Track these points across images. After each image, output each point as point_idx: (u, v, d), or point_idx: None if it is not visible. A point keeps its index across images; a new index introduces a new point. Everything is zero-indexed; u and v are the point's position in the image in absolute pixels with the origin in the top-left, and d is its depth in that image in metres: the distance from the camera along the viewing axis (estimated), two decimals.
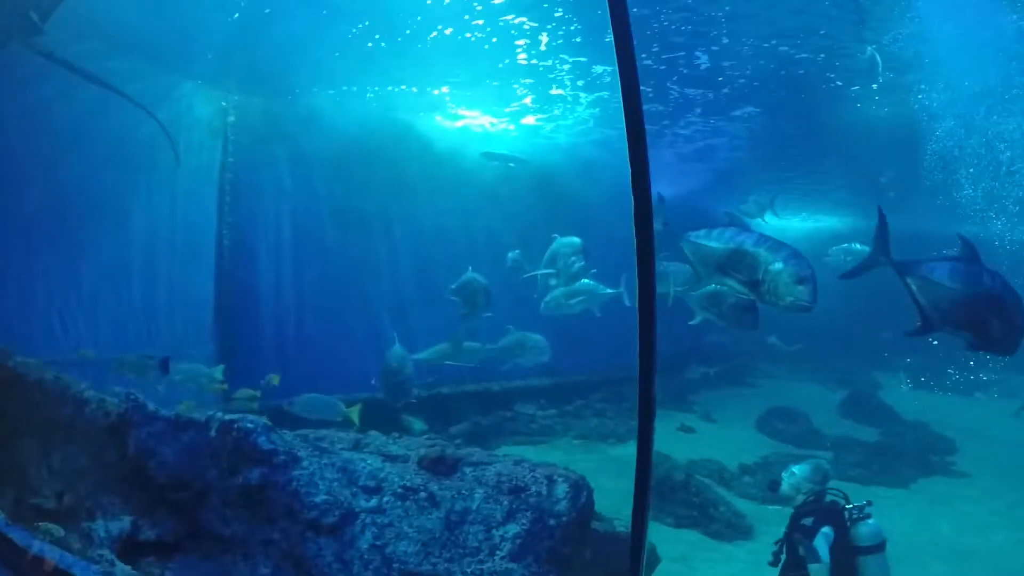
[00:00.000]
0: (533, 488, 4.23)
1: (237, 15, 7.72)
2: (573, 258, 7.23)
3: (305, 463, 3.87)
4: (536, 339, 8.08)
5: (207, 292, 8.50)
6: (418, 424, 8.14)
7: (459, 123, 12.13)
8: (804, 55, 8.96)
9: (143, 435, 3.79)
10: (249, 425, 3.68)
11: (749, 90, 10.44)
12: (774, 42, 8.66)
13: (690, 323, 5.85)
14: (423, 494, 4.19)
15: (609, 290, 7.45)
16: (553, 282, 7.59)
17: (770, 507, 7.00)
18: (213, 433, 3.72)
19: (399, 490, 4.17)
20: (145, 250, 7.68)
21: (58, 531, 3.90)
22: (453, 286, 7.42)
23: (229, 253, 8.78)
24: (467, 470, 4.41)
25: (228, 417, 3.71)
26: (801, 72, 9.49)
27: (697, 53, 9.14)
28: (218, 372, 6.01)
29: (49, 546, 3.72)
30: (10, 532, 3.76)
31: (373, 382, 7.23)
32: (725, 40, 8.68)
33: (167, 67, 8.17)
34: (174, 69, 8.29)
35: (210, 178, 8.77)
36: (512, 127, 12.37)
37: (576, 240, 7.46)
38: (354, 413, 5.25)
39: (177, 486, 3.87)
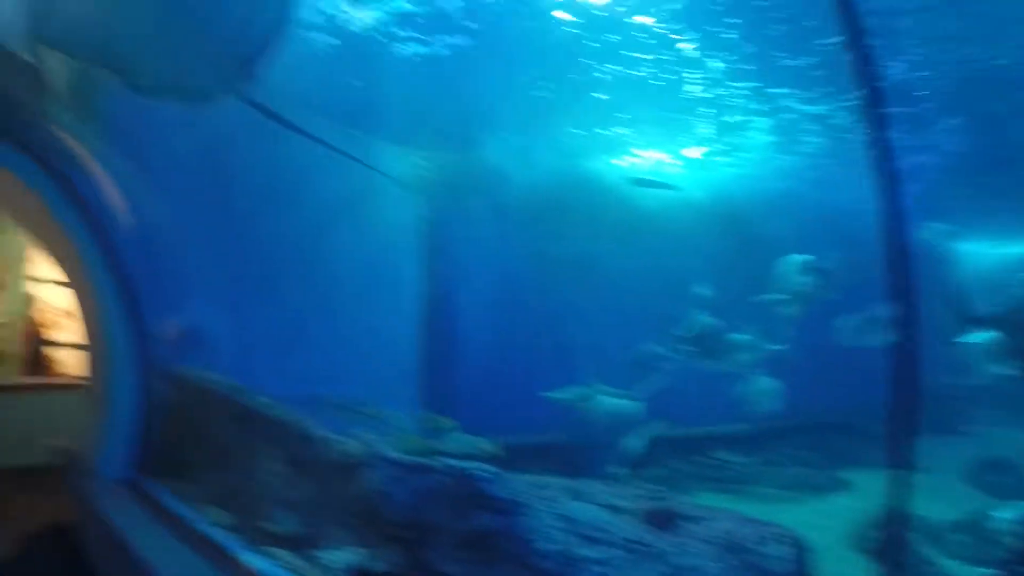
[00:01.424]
0: (754, 548, 4.10)
1: (419, 73, 8.26)
2: (807, 278, 6.80)
3: (533, 512, 3.92)
4: (767, 383, 7.57)
5: (411, 339, 9.01)
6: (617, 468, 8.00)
7: (635, 161, 12.07)
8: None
9: (377, 476, 3.97)
10: (482, 473, 3.78)
11: (949, 100, 9.60)
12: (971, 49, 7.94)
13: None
14: (644, 547, 4.14)
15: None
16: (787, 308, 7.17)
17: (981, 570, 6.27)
18: (446, 478, 3.83)
19: (621, 541, 4.14)
20: (354, 300, 8.23)
21: (292, 558, 4.17)
22: (684, 333, 7.18)
23: (432, 302, 9.34)
24: (685, 524, 4.34)
25: (461, 464, 3.83)
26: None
27: (888, 63, 8.52)
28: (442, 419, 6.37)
29: (284, 571, 4.01)
30: (244, 555, 4.09)
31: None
32: (918, 49, 8.05)
33: (356, 126, 8.76)
34: (363, 128, 8.86)
35: (409, 232, 9.39)
36: (680, 162, 12.12)
37: (807, 257, 7.01)
38: (492, 448, 5.35)
39: (407, 525, 4.01)
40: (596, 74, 8.71)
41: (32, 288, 12.23)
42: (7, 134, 5.40)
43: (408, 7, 7.67)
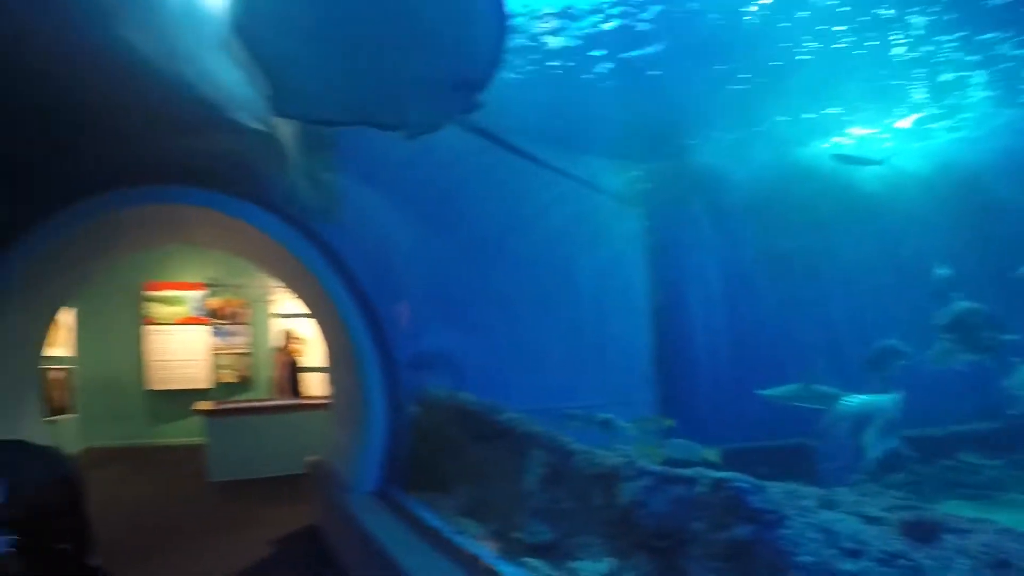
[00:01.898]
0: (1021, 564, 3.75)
1: (620, 87, 8.31)
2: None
3: (790, 523, 3.80)
4: None
5: (645, 345, 9.18)
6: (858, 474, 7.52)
7: (848, 142, 11.28)
8: None
9: (632, 487, 4.03)
10: (741, 484, 3.72)
11: None
12: None
13: None
14: (905, 561, 3.88)
15: None
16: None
17: None
18: (703, 489, 3.81)
19: (880, 555, 3.91)
20: (587, 313, 8.48)
21: (546, 567, 4.31)
22: (943, 321, 6.61)
23: (663, 307, 9.49)
24: (947, 537, 4.07)
25: (719, 475, 3.79)
26: None
27: None
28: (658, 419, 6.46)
29: None
30: (499, 565, 4.27)
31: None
32: None
33: (569, 145, 8.95)
34: (576, 147, 9.05)
35: (634, 242, 9.60)
36: (889, 135, 11.11)
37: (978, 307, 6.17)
38: (712, 455, 5.71)
39: (660, 535, 4.03)
40: (794, 55, 8.30)
41: (278, 320, 13.85)
42: (248, 193, 6.06)
43: (602, 26, 7.78)
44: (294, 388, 12.18)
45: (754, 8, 7.54)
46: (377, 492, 6.24)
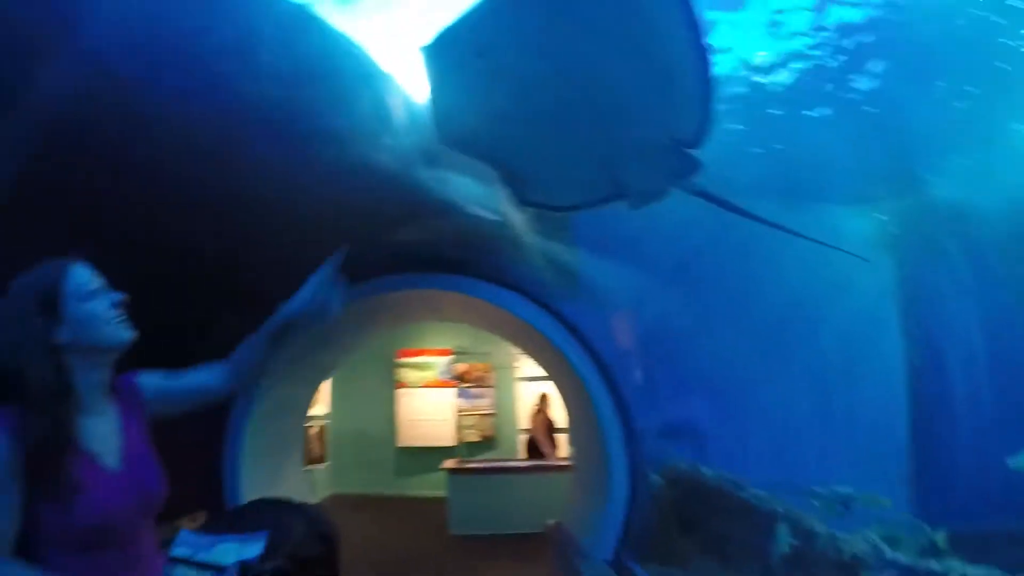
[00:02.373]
0: None
1: (841, 124, 7.82)
2: None
3: None
4: None
5: (898, 409, 8.35)
6: None
7: None
8: None
9: None
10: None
11: None
12: None
13: None
14: None
15: None
16: None
17: None
18: None
19: None
20: (836, 375, 8.00)
21: None
22: None
23: (918, 366, 8.53)
24: None
25: (973, 570, 3.39)
26: None
27: None
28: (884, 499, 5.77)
29: None
30: None
31: None
32: None
33: (800, 195, 8.50)
34: (808, 196, 8.58)
35: (886, 294, 8.82)
36: None
37: None
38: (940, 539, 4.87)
39: None
40: (1020, 51, 7.25)
41: (520, 383, 14.62)
42: (489, 275, 6.47)
43: (815, 60, 7.48)
44: (550, 446, 12.47)
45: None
46: (613, 561, 6.18)
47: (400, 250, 5.75)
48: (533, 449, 12.40)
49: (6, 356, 1.74)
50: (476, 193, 5.55)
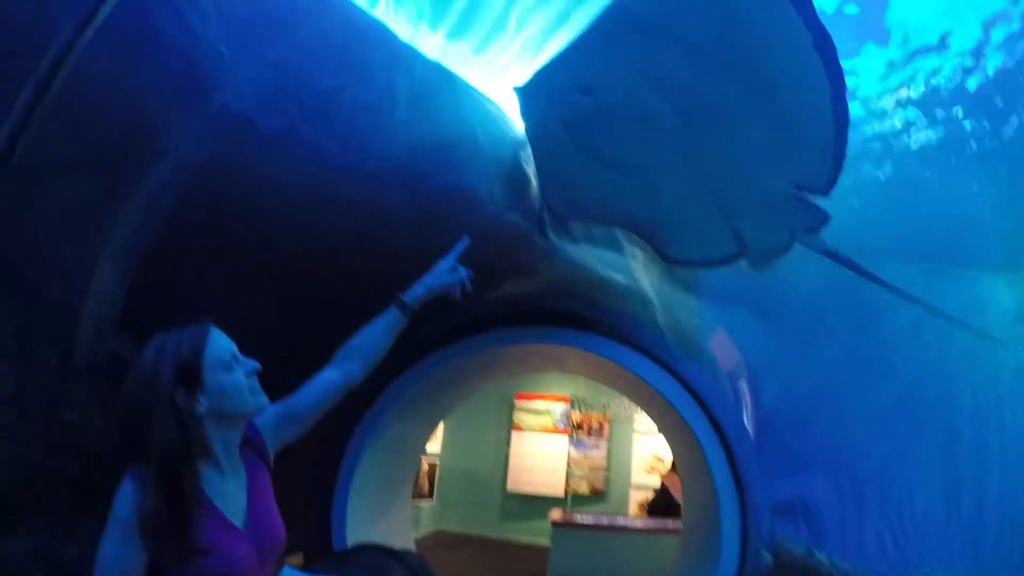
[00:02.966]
0: None
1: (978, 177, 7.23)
2: None
3: None
4: None
5: None
6: None
7: None
8: None
9: None
10: None
11: None
12: None
13: None
14: None
15: None
16: None
17: None
18: None
19: None
20: (969, 461, 7.30)
21: None
22: None
23: None
24: None
25: None
26: None
27: None
28: None
29: None
30: None
31: None
32: None
33: (942, 260, 7.89)
34: (950, 261, 7.95)
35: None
36: None
37: None
38: None
39: None
40: None
41: (637, 437, 14.33)
42: (615, 335, 6.38)
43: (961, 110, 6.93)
44: (670, 511, 11.94)
45: None
46: None
47: (525, 304, 5.79)
48: (658, 501, 11.70)
49: (140, 416, 1.85)
50: (607, 255, 5.52)
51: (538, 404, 14.85)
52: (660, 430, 8.72)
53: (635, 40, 3.71)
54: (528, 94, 4.05)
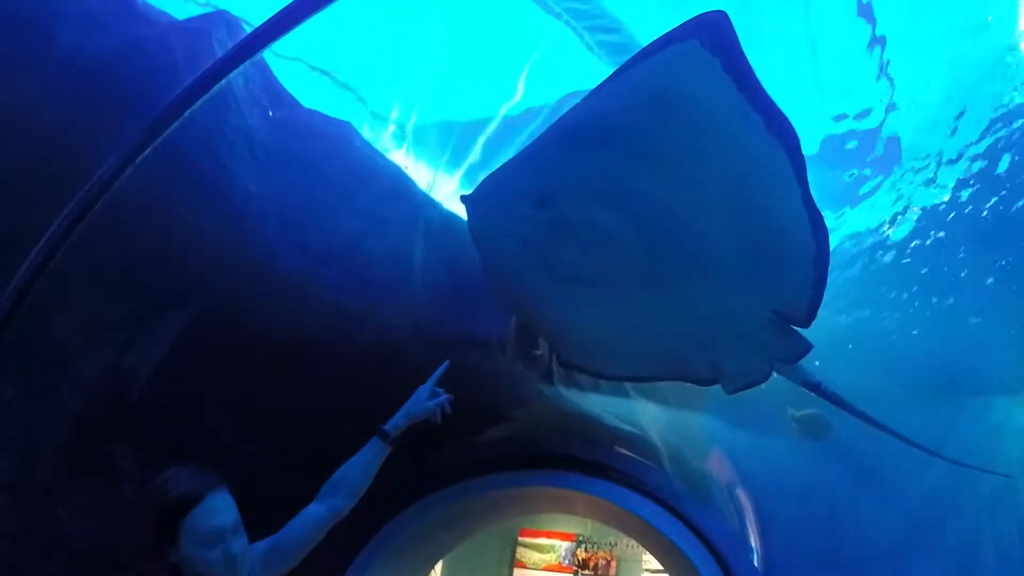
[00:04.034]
0: None
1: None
2: None
3: None
4: None
5: None
6: None
7: None
8: None
9: None
10: None
11: None
12: None
13: None
14: None
15: None
16: None
17: None
18: None
19: None
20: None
21: None
22: None
23: None
24: None
25: None
26: None
27: None
28: None
29: None
30: None
31: None
32: None
33: (958, 388, 7.70)
34: (966, 389, 7.76)
35: None
36: None
37: None
38: None
39: None
40: None
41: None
42: (624, 481, 6.31)
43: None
44: None
45: None
46: None
47: (531, 449, 5.73)
48: None
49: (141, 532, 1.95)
50: (614, 404, 5.51)
51: (543, 541, 14.31)
52: (666, 570, 8.37)
53: (591, 143, 3.42)
54: (477, 203, 3.79)
